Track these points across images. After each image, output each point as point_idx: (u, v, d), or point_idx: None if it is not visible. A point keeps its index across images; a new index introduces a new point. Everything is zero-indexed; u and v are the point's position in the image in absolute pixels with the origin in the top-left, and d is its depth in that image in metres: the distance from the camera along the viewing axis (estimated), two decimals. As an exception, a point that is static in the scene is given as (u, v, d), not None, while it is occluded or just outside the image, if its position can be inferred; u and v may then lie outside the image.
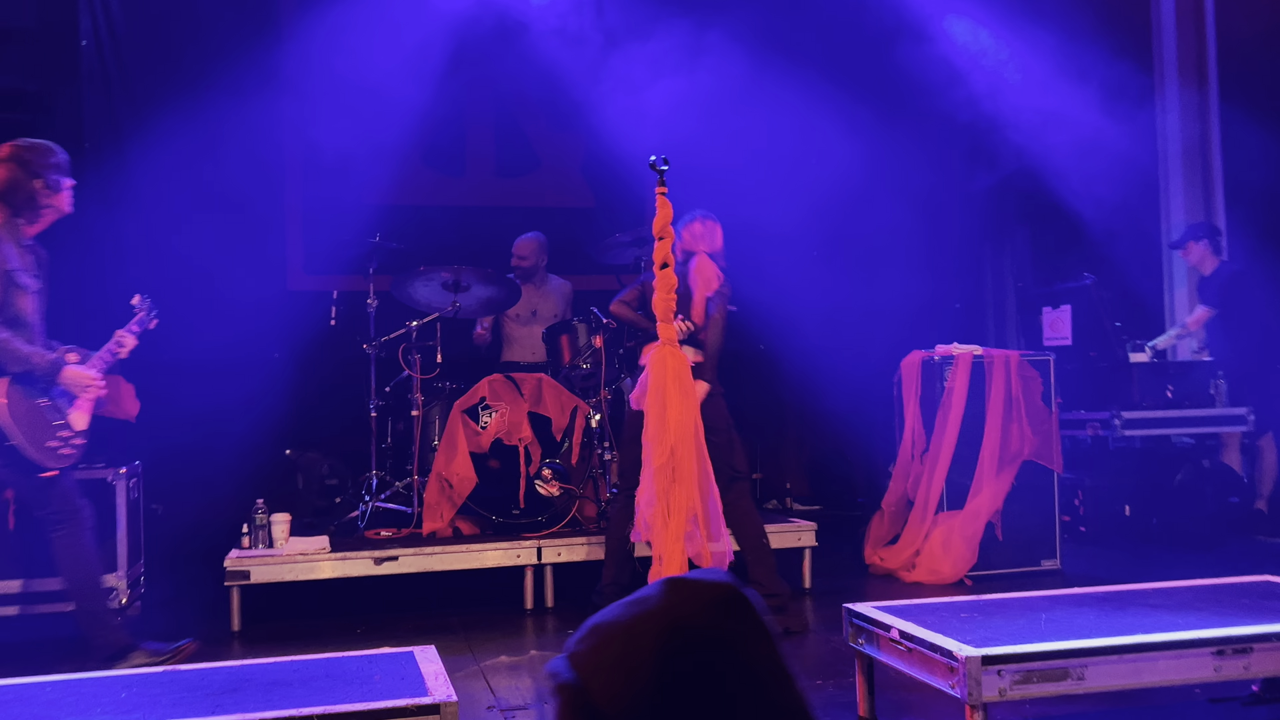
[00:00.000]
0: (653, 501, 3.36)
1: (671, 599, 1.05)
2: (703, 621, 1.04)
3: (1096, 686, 2.88)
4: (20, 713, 2.29)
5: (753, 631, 1.05)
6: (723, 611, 1.05)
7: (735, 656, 1.03)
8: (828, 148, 7.99)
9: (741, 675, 1.02)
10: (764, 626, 1.06)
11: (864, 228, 8.06)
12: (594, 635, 1.06)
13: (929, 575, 5.68)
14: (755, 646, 1.05)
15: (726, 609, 1.05)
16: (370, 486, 5.85)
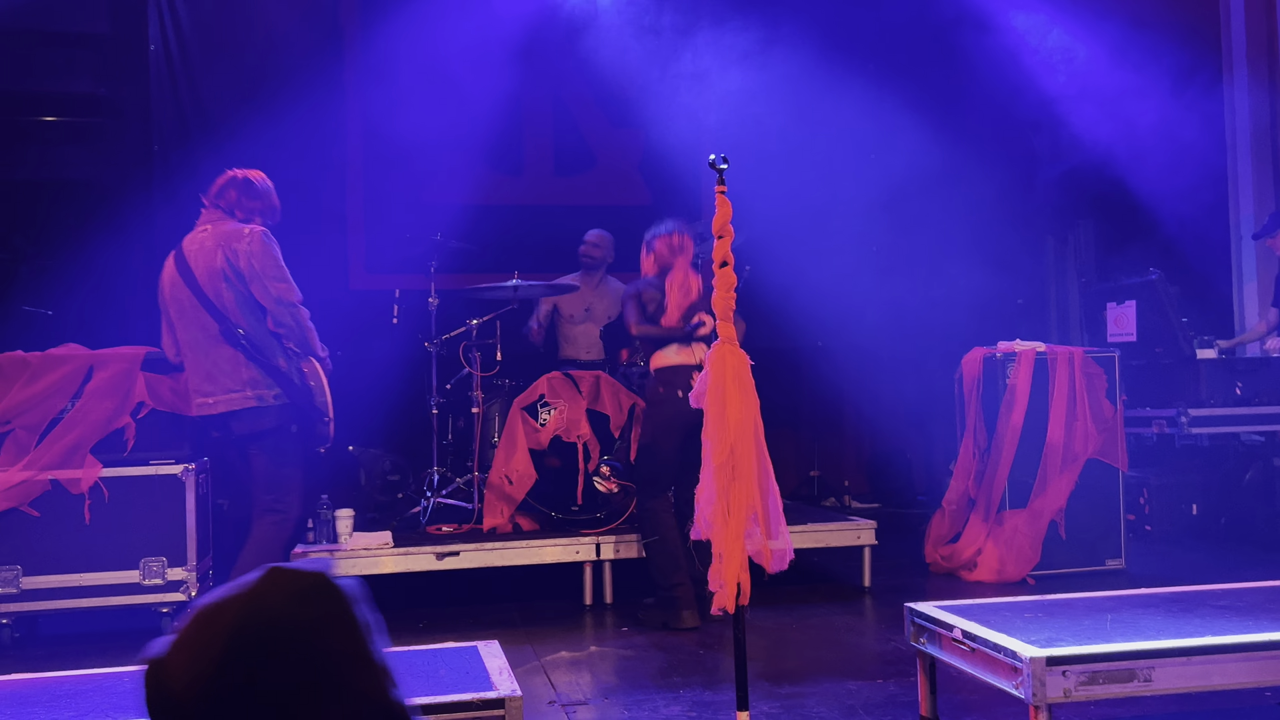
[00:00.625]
0: (712, 499, 3.36)
1: (261, 586, 1.07)
2: (281, 609, 1.06)
3: (1164, 688, 2.84)
4: (101, 703, 2.36)
5: (334, 620, 1.07)
6: (302, 600, 1.07)
7: (309, 644, 1.05)
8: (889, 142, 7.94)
9: (315, 663, 1.04)
10: (349, 615, 1.08)
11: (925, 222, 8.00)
12: (188, 615, 1.09)
13: (991, 574, 5.63)
14: (334, 635, 1.07)
15: (306, 597, 1.07)
16: (432, 483, 5.92)
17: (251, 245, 4.31)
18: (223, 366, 4.32)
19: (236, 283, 4.30)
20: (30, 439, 4.88)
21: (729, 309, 3.45)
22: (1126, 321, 7.18)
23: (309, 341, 4.39)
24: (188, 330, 4.38)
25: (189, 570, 4.99)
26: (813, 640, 4.60)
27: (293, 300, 4.33)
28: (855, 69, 7.65)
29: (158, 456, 5.03)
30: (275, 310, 4.32)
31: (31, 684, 2.61)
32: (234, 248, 4.32)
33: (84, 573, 4.89)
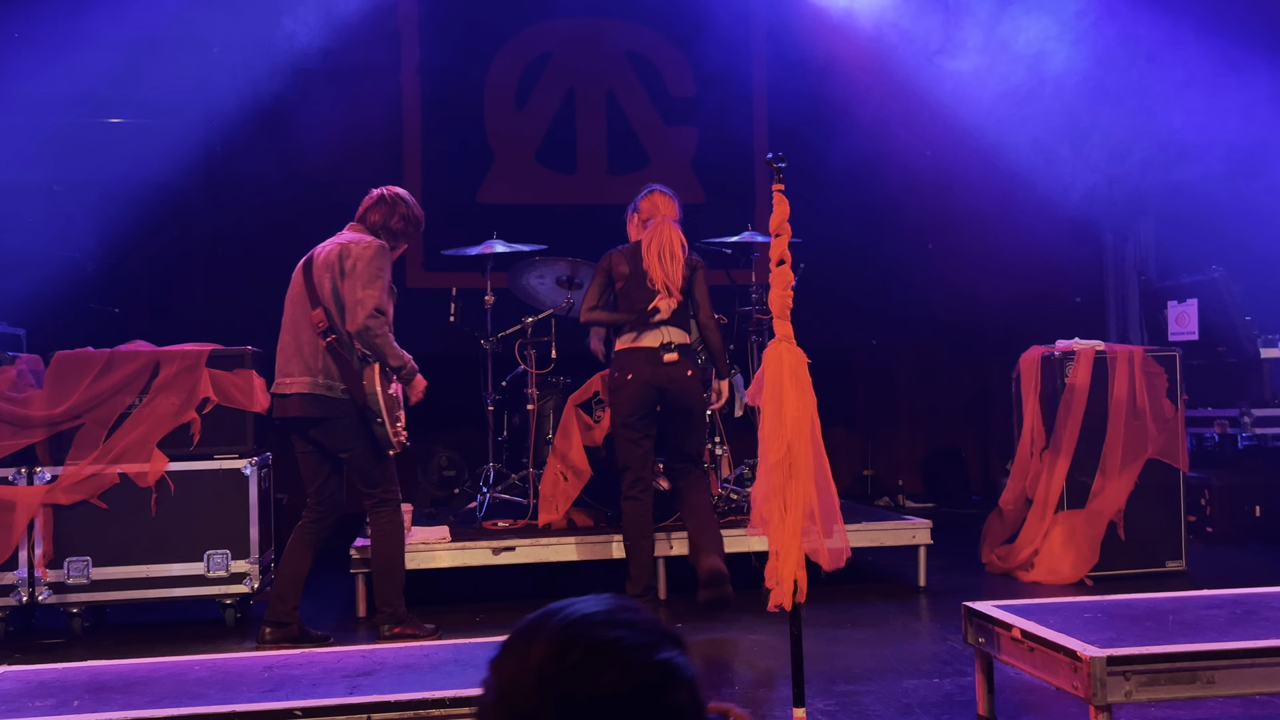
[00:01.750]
0: (768, 497, 3.38)
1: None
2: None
3: (1226, 691, 2.81)
4: (174, 689, 2.43)
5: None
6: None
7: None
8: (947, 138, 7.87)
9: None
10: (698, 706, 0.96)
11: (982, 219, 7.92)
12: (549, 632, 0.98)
13: (1048, 575, 5.58)
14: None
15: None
16: (488, 478, 5.99)
17: (363, 249, 4.51)
18: (305, 351, 4.50)
19: (337, 278, 4.50)
20: (100, 433, 5.01)
21: (785, 306, 3.46)
22: (1188, 320, 7.08)
23: (379, 348, 4.46)
24: (290, 312, 4.61)
25: (252, 563, 5.10)
26: (868, 639, 4.60)
27: (370, 306, 4.42)
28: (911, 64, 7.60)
29: (222, 451, 5.14)
30: (351, 308, 4.44)
31: (108, 670, 2.69)
32: (349, 248, 4.53)
33: (150, 564, 5.02)
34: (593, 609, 0.92)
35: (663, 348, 4.95)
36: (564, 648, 0.88)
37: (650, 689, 0.87)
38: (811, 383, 3.40)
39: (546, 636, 0.90)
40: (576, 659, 0.87)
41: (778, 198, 3.39)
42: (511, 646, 0.93)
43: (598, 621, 0.90)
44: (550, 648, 0.89)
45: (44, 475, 4.95)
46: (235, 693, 2.38)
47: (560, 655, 0.87)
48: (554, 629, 0.90)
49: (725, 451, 5.95)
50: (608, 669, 0.86)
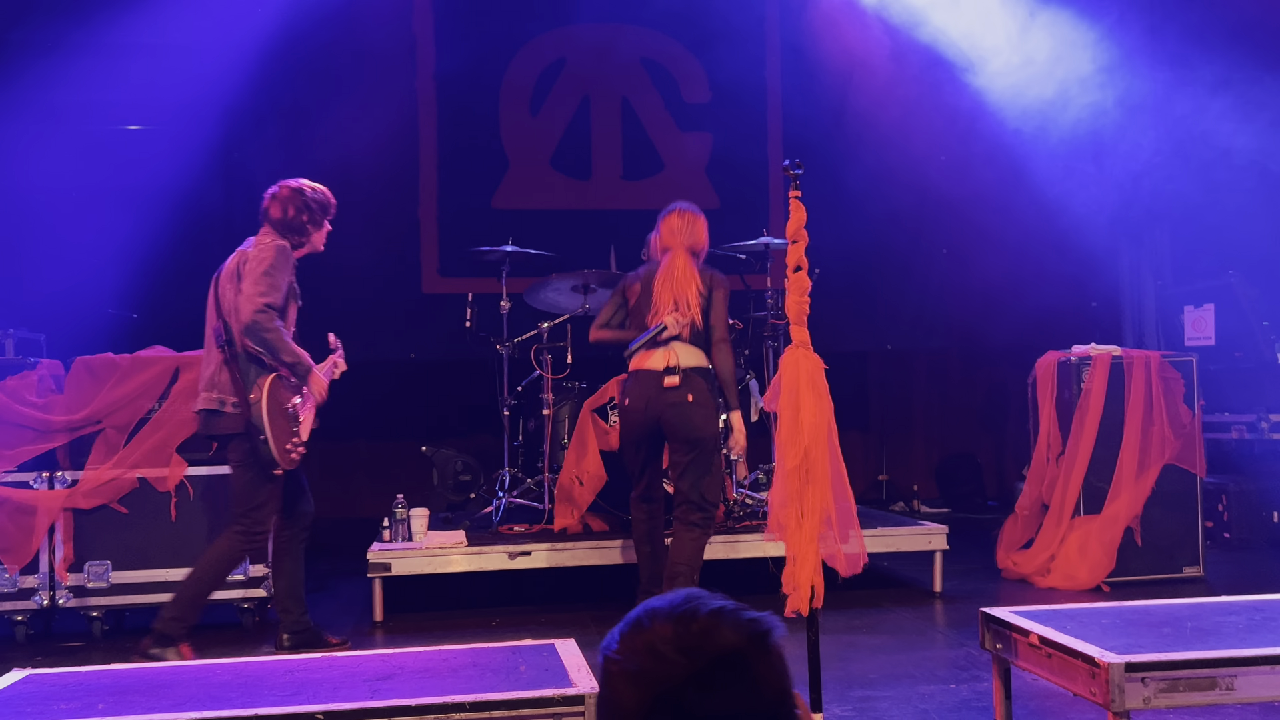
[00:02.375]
0: (785, 502, 3.38)
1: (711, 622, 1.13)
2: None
3: (1246, 697, 2.80)
4: (197, 692, 2.46)
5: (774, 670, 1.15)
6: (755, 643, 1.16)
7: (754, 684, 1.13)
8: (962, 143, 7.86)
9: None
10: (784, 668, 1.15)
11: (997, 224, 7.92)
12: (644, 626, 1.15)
13: (1064, 581, 5.57)
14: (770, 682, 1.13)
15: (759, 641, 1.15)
16: (503, 483, 6.01)
17: (258, 253, 4.36)
18: (210, 366, 4.39)
19: (236, 284, 4.35)
20: (119, 438, 5.06)
21: (802, 312, 3.47)
22: (1204, 325, 7.06)
23: (270, 344, 4.25)
24: (206, 327, 4.48)
25: (269, 567, 5.11)
26: (885, 644, 4.60)
27: (258, 302, 4.21)
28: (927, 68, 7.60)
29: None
30: (241, 307, 4.26)
31: (130, 674, 2.72)
32: (246, 254, 4.41)
33: (169, 568, 5.04)
34: (683, 594, 1.14)
35: (665, 371, 4.59)
36: (686, 621, 1.09)
37: (757, 638, 1.10)
38: (828, 388, 3.41)
39: (665, 616, 1.11)
40: (700, 626, 1.08)
41: (794, 204, 3.40)
42: (634, 631, 1.11)
43: (699, 599, 1.12)
44: (675, 623, 1.09)
45: (64, 480, 4.99)
46: (257, 696, 2.40)
47: (686, 626, 1.08)
48: (668, 611, 1.11)
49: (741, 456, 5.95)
50: (724, 630, 1.09)
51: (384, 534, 5.43)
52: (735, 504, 5.75)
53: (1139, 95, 7.38)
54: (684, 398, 4.55)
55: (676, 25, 8.22)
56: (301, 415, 4.47)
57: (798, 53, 8.21)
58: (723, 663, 1.06)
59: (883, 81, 7.82)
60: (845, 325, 8.07)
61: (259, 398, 4.24)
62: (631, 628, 1.11)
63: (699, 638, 1.07)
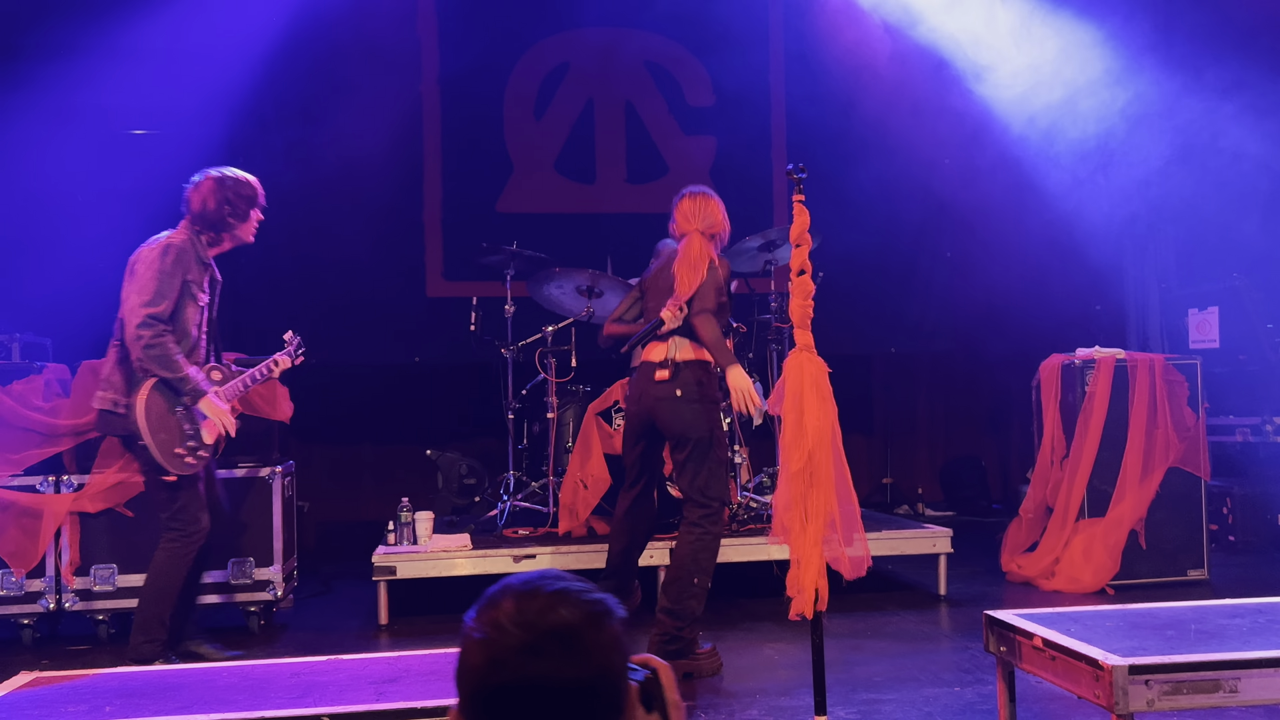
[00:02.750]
0: (790, 506, 3.39)
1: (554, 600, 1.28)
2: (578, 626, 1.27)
3: (1251, 700, 2.80)
4: (204, 695, 2.47)
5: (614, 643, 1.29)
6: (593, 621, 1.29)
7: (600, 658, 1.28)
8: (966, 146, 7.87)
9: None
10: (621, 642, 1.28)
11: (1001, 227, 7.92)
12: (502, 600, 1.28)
13: (1069, 584, 5.57)
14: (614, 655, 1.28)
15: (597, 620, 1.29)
16: (508, 486, 6.02)
17: (148, 252, 4.19)
18: (108, 364, 4.26)
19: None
20: (126, 442, 5.06)
21: (806, 316, 3.48)
22: (1209, 328, 7.06)
23: (155, 360, 4.07)
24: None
25: (275, 570, 5.13)
26: (889, 647, 4.60)
27: (140, 314, 4.05)
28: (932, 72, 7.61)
29: (246, 459, 5.18)
30: (125, 318, 4.14)
31: (137, 677, 2.73)
32: (140, 251, 4.25)
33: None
34: (538, 574, 1.27)
35: (659, 364, 4.39)
36: (528, 598, 1.22)
37: (595, 617, 1.23)
38: (832, 392, 3.42)
39: (512, 593, 1.24)
40: (540, 604, 1.22)
41: (798, 208, 3.41)
42: (486, 605, 1.24)
43: (547, 578, 1.26)
44: (518, 600, 1.22)
45: (71, 483, 5.01)
46: (263, 699, 2.41)
47: (528, 603, 1.22)
48: (516, 588, 1.25)
49: (745, 459, 5.97)
50: (562, 608, 1.22)
51: (389, 537, 5.44)
52: (740, 507, 5.76)
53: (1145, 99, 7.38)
54: (672, 393, 4.34)
55: (680, 29, 8.23)
56: (203, 423, 4.24)
57: (802, 56, 8.22)
58: (554, 635, 1.19)
59: (888, 85, 7.83)
60: (849, 329, 8.07)
61: (133, 401, 4.08)
62: (486, 602, 1.24)
63: (537, 614, 1.20)
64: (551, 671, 1.19)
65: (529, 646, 1.19)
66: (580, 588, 1.27)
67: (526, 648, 1.19)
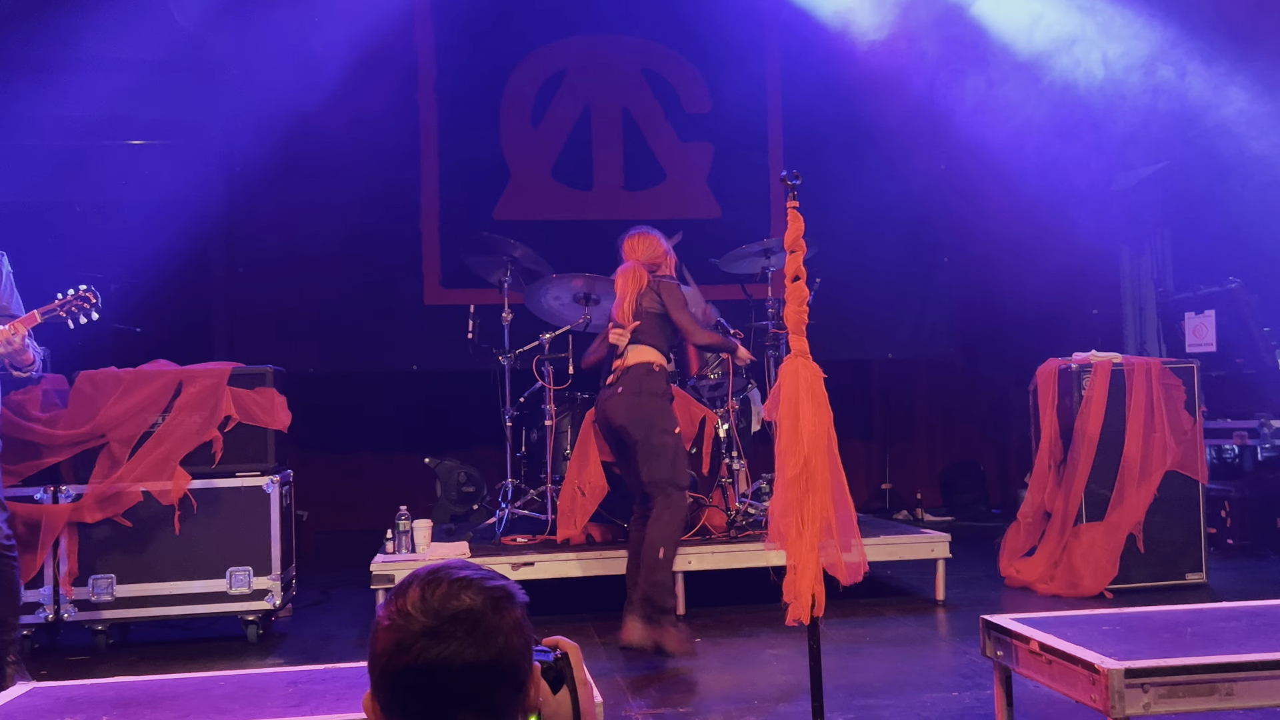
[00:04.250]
0: (786, 511, 3.40)
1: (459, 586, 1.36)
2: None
3: (1246, 703, 2.81)
4: (200, 704, 2.47)
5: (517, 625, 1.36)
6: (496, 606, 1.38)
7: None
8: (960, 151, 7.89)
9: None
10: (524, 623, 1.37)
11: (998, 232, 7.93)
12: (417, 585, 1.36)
13: (1067, 588, 5.57)
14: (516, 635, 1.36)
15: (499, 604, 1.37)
16: (506, 494, 6.02)
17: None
18: None
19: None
20: (123, 452, 5.07)
21: (801, 322, 3.49)
22: (1205, 331, 7.07)
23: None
24: None
25: (274, 579, 5.13)
26: (887, 652, 4.60)
27: None
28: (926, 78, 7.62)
29: (244, 468, 5.18)
30: None
31: (134, 686, 2.73)
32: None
33: (173, 581, 5.06)
34: (444, 563, 1.35)
35: (611, 381, 4.88)
36: (432, 586, 1.30)
37: (496, 601, 1.30)
38: (828, 397, 3.43)
39: (419, 581, 1.31)
40: (442, 591, 1.29)
41: (792, 214, 3.42)
42: (395, 593, 1.31)
43: (452, 567, 1.33)
44: (423, 586, 1.30)
45: (69, 494, 5.01)
46: (260, 707, 2.41)
47: (431, 590, 1.29)
48: (423, 577, 1.32)
49: (742, 466, 5.97)
50: (465, 593, 1.29)
51: (387, 546, 5.44)
52: (737, 514, 5.76)
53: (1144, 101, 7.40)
54: (616, 390, 4.81)
55: (676, 36, 8.25)
56: None
57: (798, 62, 8.23)
58: (456, 619, 1.27)
59: (884, 90, 7.84)
60: (847, 334, 8.08)
61: None
62: (395, 591, 1.32)
63: (440, 600, 1.28)
64: (454, 653, 1.26)
65: (431, 631, 1.26)
66: (483, 575, 1.33)
67: (429, 632, 1.26)
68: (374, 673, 1.29)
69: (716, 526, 5.74)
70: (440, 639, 1.26)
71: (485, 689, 1.28)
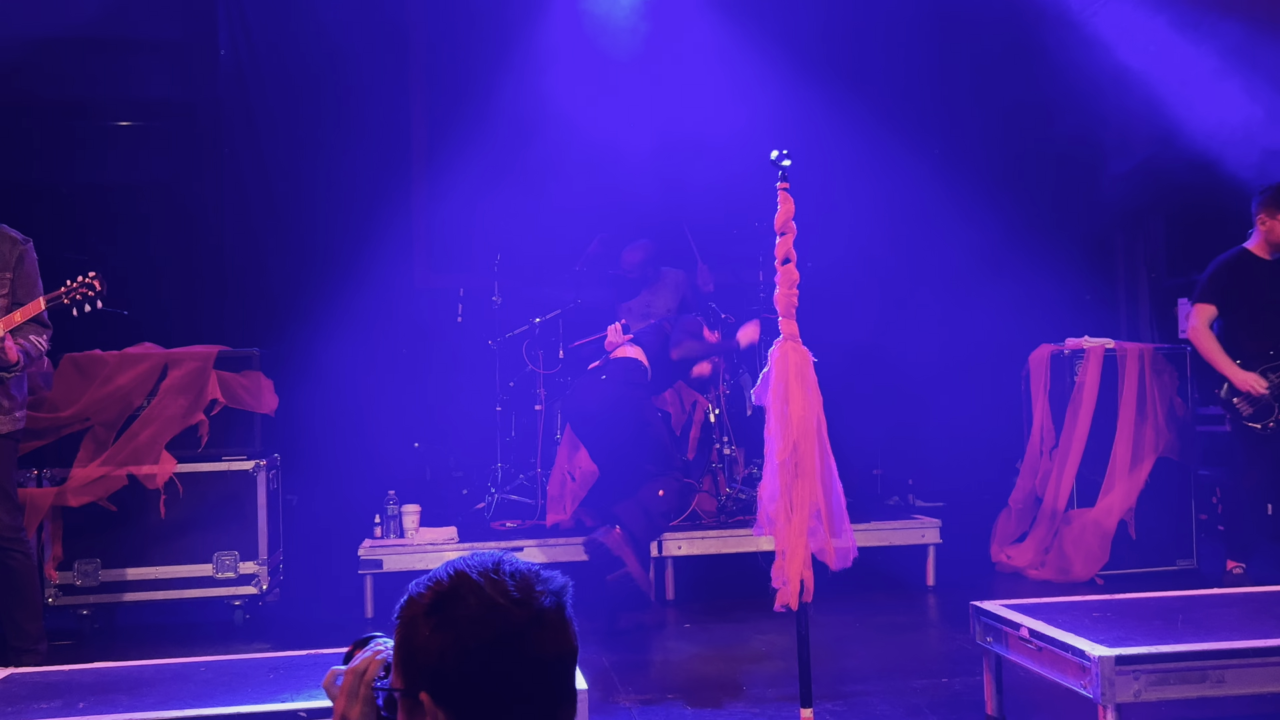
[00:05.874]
0: (775, 496, 3.36)
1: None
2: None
3: (1236, 690, 2.79)
4: (180, 689, 2.44)
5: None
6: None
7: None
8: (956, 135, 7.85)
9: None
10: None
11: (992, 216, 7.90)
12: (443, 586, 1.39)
13: (1058, 574, 5.56)
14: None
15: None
16: (496, 479, 5.99)
17: None
18: None
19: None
20: (108, 435, 5.02)
21: (791, 306, 3.45)
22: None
23: None
24: None
25: (260, 564, 5.10)
26: (876, 638, 4.58)
27: None
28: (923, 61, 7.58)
29: (230, 452, 5.14)
30: None
31: (114, 672, 2.69)
32: None
33: (159, 566, 5.03)
34: (499, 554, 1.35)
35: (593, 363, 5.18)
36: (515, 577, 1.31)
37: (561, 592, 1.34)
38: (817, 381, 3.39)
39: (492, 572, 1.31)
40: (524, 581, 1.31)
41: (782, 196, 3.38)
42: (460, 587, 1.31)
43: (504, 559, 1.34)
44: (503, 577, 1.30)
45: (53, 478, 4.96)
46: (240, 694, 2.38)
47: (515, 580, 1.30)
48: (490, 568, 1.32)
49: (734, 451, 5.94)
50: (540, 584, 1.33)
51: (376, 530, 5.41)
52: (728, 499, 5.74)
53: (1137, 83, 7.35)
54: (599, 378, 5.01)
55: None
56: None
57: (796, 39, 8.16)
58: (549, 609, 1.32)
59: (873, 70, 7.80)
60: (837, 317, 8.03)
61: None
62: (454, 584, 1.32)
63: (525, 590, 1.32)
64: (561, 642, 1.35)
65: (537, 619, 1.31)
66: (533, 567, 1.35)
67: (535, 621, 1.31)
68: (456, 671, 1.26)
69: (706, 512, 5.72)
70: (544, 629, 1.29)
71: (572, 681, 1.33)
